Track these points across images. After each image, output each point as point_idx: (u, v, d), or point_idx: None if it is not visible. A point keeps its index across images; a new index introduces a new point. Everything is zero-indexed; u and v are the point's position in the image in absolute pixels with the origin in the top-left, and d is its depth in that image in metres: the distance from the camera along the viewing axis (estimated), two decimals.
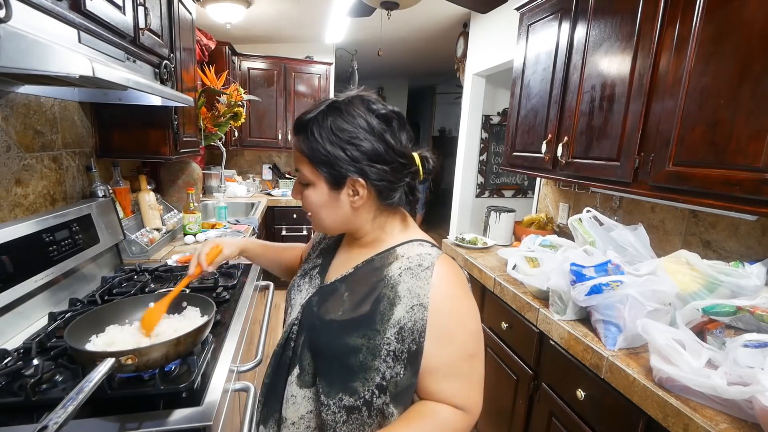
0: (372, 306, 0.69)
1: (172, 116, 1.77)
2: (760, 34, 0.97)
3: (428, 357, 0.67)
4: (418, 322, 0.66)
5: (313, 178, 0.71)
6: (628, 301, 1.10)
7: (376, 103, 0.71)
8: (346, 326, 0.69)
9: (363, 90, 0.74)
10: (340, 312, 0.71)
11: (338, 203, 0.71)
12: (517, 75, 2.06)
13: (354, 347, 0.68)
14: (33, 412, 0.75)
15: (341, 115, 0.68)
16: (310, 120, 0.69)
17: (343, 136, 0.67)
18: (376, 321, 0.67)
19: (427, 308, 0.66)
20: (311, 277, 0.83)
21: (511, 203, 3.83)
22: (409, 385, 0.68)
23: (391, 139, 0.69)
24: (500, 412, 1.65)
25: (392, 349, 0.67)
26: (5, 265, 1.01)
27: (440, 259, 0.70)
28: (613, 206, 1.89)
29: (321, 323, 0.72)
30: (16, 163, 1.21)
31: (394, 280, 0.69)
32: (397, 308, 0.67)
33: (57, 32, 0.91)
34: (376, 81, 6.73)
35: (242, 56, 3.65)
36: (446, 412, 0.68)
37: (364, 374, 0.68)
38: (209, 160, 3.61)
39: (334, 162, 0.68)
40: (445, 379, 0.68)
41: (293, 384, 0.74)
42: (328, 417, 0.70)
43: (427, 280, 0.67)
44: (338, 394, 0.69)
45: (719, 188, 1.05)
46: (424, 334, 0.66)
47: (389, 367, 0.67)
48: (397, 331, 0.67)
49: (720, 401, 0.86)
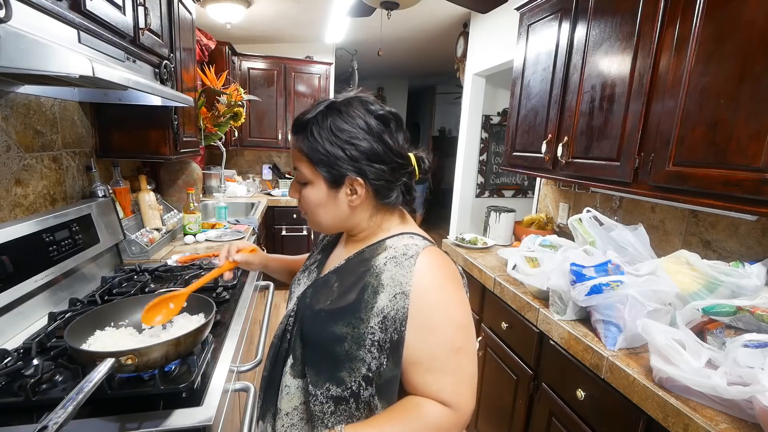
0: (357, 295, 0.69)
1: (172, 116, 1.77)
2: (760, 34, 0.97)
3: (409, 347, 0.66)
4: (399, 311, 0.65)
5: (312, 177, 0.72)
6: (628, 301, 1.10)
7: (374, 104, 0.72)
8: (333, 315, 0.69)
9: (361, 91, 0.75)
10: (329, 301, 0.71)
11: (336, 202, 0.72)
12: (517, 75, 2.06)
13: (339, 336, 0.68)
14: (33, 412, 0.75)
15: (340, 115, 0.69)
16: (309, 120, 0.70)
17: (342, 136, 0.68)
18: (360, 309, 0.67)
19: (409, 296, 0.65)
20: (310, 271, 0.85)
21: (511, 203, 3.83)
22: (392, 377, 0.67)
23: (389, 139, 0.70)
24: (500, 412, 1.65)
25: (376, 339, 0.66)
26: (5, 265, 1.01)
27: (426, 250, 0.70)
28: (613, 206, 1.89)
29: (311, 313, 0.73)
30: (16, 163, 1.21)
31: (379, 269, 0.69)
32: (380, 296, 0.67)
33: (57, 32, 0.91)
34: (376, 81, 6.72)
35: (242, 56, 3.65)
36: (432, 407, 0.66)
37: (350, 364, 0.68)
38: (209, 160, 3.61)
39: (334, 161, 0.69)
40: (430, 373, 0.67)
41: (287, 374, 0.75)
42: (315, 408, 0.70)
43: (410, 268, 0.66)
44: (326, 384, 0.69)
45: (719, 188, 1.05)
46: (405, 323, 0.65)
47: (374, 357, 0.67)
48: (380, 320, 0.66)
49: (720, 401, 0.86)
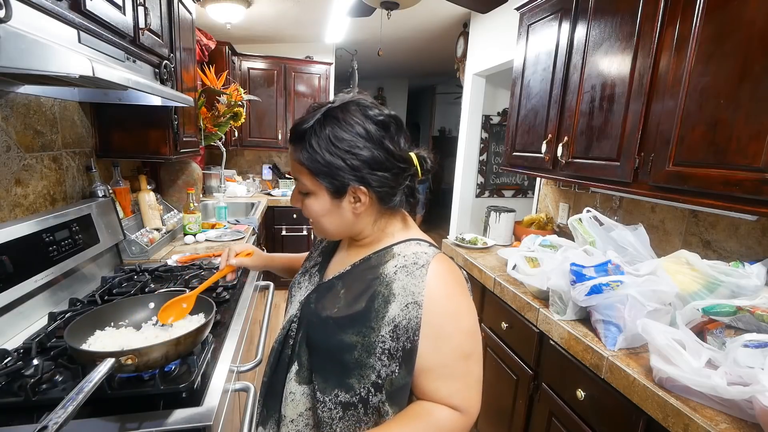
0: (367, 303, 0.68)
1: (172, 116, 1.77)
2: (760, 34, 0.97)
3: (423, 356, 0.66)
4: (412, 321, 0.66)
5: (314, 188, 0.70)
6: (628, 301, 1.10)
7: (373, 108, 0.69)
8: (341, 323, 0.69)
9: (358, 94, 0.72)
10: (336, 309, 0.71)
11: (340, 211, 0.71)
12: (517, 75, 2.06)
13: (349, 344, 0.68)
14: (33, 412, 0.75)
15: (339, 123, 0.67)
16: (306, 130, 0.68)
17: (342, 146, 0.66)
18: (370, 318, 0.67)
19: (422, 306, 0.66)
20: (311, 275, 0.84)
21: (511, 203, 3.83)
22: (404, 384, 0.68)
23: (390, 144, 0.69)
24: (500, 412, 1.65)
25: (387, 348, 0.67)
26: (5, 265, 1.01)
27: (436, 258, 0.70)
28: (613, 206, 1.89)
29: (318, 320, 0.73)
30: (16, 163, 1.21)
31: (389, 278, 0.69)
32: (391, 306, 0.67)
33: (57, 32, 0.91)
34: (376, 81, 6.72)
35: (242, 56, 3.65)
36: (442, 412, 0.67)
37: (360, 371, 0.68)
38: (209, 160, 3.61)
39: (335, 172, 0.67)
40: (441, 379, 0.68)
41: (292, 381, 0.74)
42: (324, 414, 0.70)
43: (422, 278, 0.67)
44: (334, 390, 0.69)
45: (719, 188, 1.05)
46: (419, 333, 0.66)
47: (384, 365, 0.67)
48: (391, 329, 0.66)
49: (720, 401, 0.86)
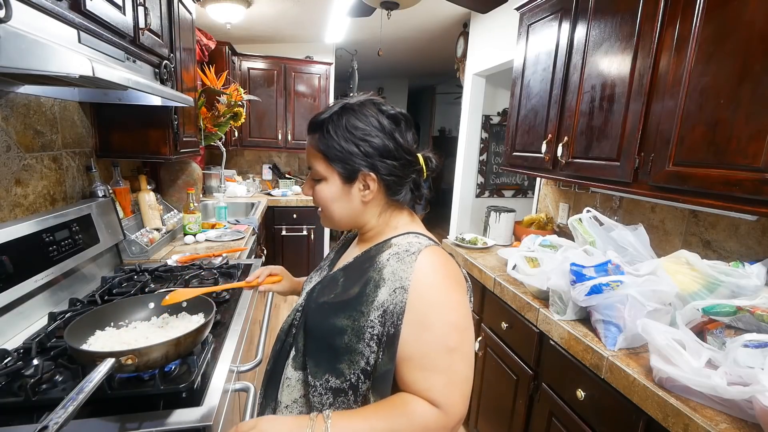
0: (360, 289, 0.71)
1: (172, 116, 1.77)
2: (760, 34, 0.97)
3: (403, 342, 0.67)
4: (398, 305, 0.67)
5: (327, 173, 0.75)
6: (628, 301, 1.10)
7: (386, 105, 0.78)
8: (336, 307, 0.72)
9: (372, 95, 0.81)
10: (333, 295, 0.74)
11: (349, 197, 0.76)
12: (517, 75, 2.06)
13: (340, 328, 0.70)
14: (33, 412, 0.75)
15: (355, 114, 0.74)
16: (325, 120, 0.75)
17: (357, 134, 0.73)
18: (361, 303, 0.70)
19: (407, 291, 0.67)
20: (321, 270, 0.90)
21: (511, 203, 3.83)
22: (386, 371, 0.68)
23: (399, 137, 0.75)
24: (500, 412, 1.65)
25: (375, 333, 0.68)
26: (5, 265, 1.01)
27: (430, 248, 0.72)
28: (613, 206, 1.89)
29: (315, 306, 0.76)
30: (16, 163, 1.21)
31: (382, 264, 0.71)
32: (381, 291, 0.69)
33: (57, 32, 0.91)
34: (376, 81, 6.72)
35: (242, 56, 3.65)
36: (419, 405, 0.66)
37: (350, 356, 0.69)
38: (209, 160, 3.61)
39: (348, 157, 0.73)
40: (420, 370, 0.67)
41: (289, 366, 0.77)
42: (315, 399, 0.71)
43: (411, 264, 0.69)
44: (324, 375, 0.71)
45: (719, 188, 1.05)
46: (402, 318, 0.67)
47: (372, 351, 0.68)
48: (380, 314, 0.68)
49: (720, 401, 0.86)
